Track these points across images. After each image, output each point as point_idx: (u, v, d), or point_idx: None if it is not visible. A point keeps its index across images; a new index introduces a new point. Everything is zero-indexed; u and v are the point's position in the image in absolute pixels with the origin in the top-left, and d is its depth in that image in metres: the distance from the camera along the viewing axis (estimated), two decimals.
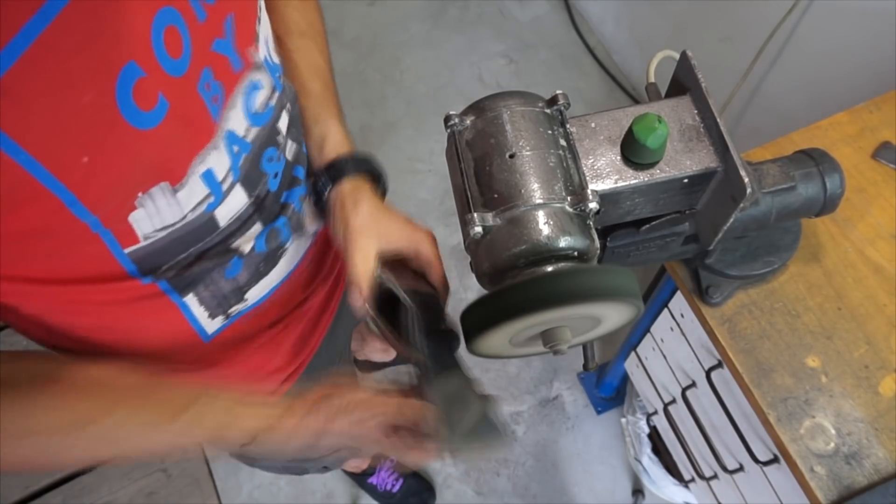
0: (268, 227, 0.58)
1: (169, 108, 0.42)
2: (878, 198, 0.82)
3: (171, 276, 0.52)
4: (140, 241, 0.46)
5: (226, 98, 0.49)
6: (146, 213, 0.45)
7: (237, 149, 0.51)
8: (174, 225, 0.47)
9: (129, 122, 0.40)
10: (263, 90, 0.53)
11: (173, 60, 0.42)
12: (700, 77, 0.55)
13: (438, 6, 2.21)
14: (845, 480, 0.68)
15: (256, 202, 0.55)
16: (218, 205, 0.50)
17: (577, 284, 0.45)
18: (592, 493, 1.53)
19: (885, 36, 1.06)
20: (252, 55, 0.51)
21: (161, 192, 0.45)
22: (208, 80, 0.46)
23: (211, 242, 0.52)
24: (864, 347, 0.74)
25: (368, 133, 2.00)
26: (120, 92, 0.39)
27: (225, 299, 0.59)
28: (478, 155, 0.52)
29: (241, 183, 0.52)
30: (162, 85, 0.42)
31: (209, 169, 0.48)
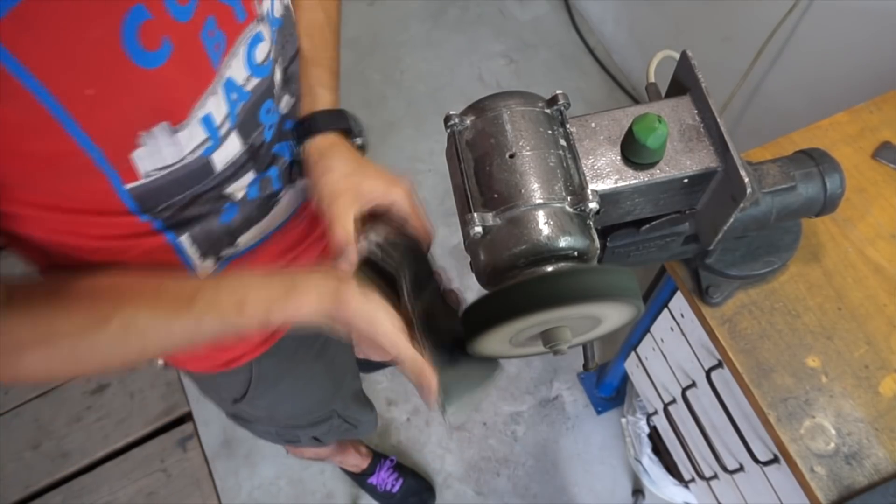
0: (260, 175, 0.59)
1: (172, 51, 0.44)
2: (878, 198, 0.82)
3: (167, 216, 0.54)
4: (140, 178, 0.48)
5: (228, 46, 0.50)
6: (147, 152, 0.47)
7: (235, 96, 0.52)
8: (173, 165, 0.49)
9: (134, 60, 0.42)
10: (265, 42, 0.54)
11: (180, 6, 0.44)
12: (700, 77, 0.55)
13: (438, 6, 2.21)
14: (845, 480, 0.68)
15: (251, 150, 0.57)
16: (215, 149, 0.52)
17: (577, 284, 0.45)
18: (592, 493, 1.53)
19: (885, 36, 1.06)
20: (256, 7, 0.52)
21: (162, 132, 0.47)
22: (211, 28, 0.48)
23: (207, 186, 0.54)
24: (865, 347, 0.74)
25: (368, 133, 2.00)
26: (126, 31, 0.41)
27: (218, 241, 0.60)
28: (478, 155, 0.52)
29: (238, 129, 0.54)
30: (167, 28, 0.44)
31: (208, 113, 0.50)
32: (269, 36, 0.55)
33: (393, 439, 1.60)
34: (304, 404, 0.98)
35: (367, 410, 1.20)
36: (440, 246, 1.79)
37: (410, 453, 1.58)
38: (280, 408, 0.93)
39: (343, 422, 1.09)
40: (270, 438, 1.04)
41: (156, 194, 0.51)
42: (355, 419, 1.14)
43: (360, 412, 1.16)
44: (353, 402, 1.13)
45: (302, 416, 1.00)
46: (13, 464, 1.45)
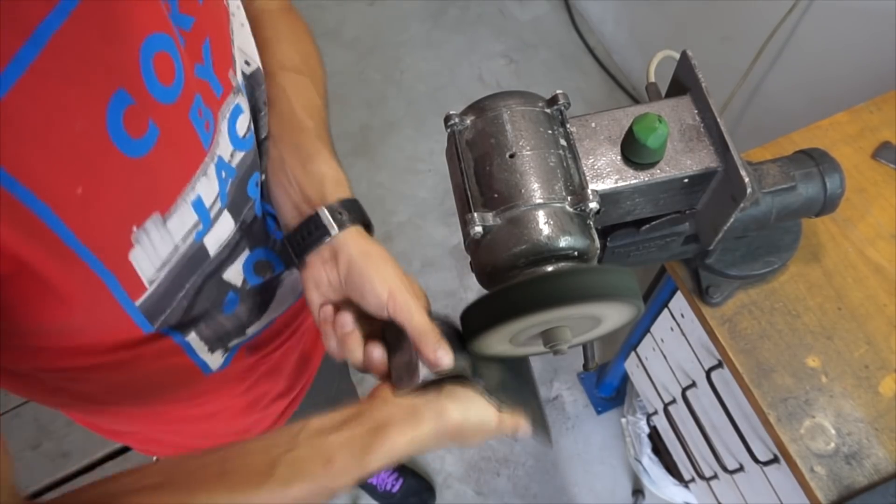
0: (254, 254, 0.56)
1: (159, 135, 0.41)
2: (878, 198, 0.82)
3: (173, 323, 0.51)
4: (147, 287, 0.45)
5: (215, 124, 0.48)
6: (143, 251, 0.44)
7: (224, 174, 0.50)
8: (170, 260, 0.46)
9: (121, 149, 0.39)
10: (244, 115, 0.52)
11: (164, 87, 0.41)
12: (700, 77, 0.55)
13: (438, 6, 2.21)
14: (845, 480, 0.68)
15: (242, 227, 0.54)
16: (206, 232, 0.49)
17: (578, 284, 0.45)
18: (592, 493, 1.53)
19: (885, 36, 1.06)
20: (231, 79, 0.50)
21: (154, 226, 0.44)
22: (199, 107, 0.45)
23: (204, 273, 0.51)
24: (865, 347, 0.74)
25: (368, 133, 2.00)
26: (111, 119, 0.38)
27: (227, 335, 0.58)
28: (478, 155, 0.52)
29: (228, 209, 0.51)
30: (151, 112, 0.41)
31: (199, 196, 0.47)
32: (247, 107, 0.52)
33: None
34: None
35: None
36: (440, 246, 1.79)
37: None
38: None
39: None
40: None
41: (161, 300, 0.48)
42: None
43: None
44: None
45: None
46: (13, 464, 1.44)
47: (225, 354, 0.60)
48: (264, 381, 0.68)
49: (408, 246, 1.80)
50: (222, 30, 0.50)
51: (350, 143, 1.97)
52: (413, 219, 1.85)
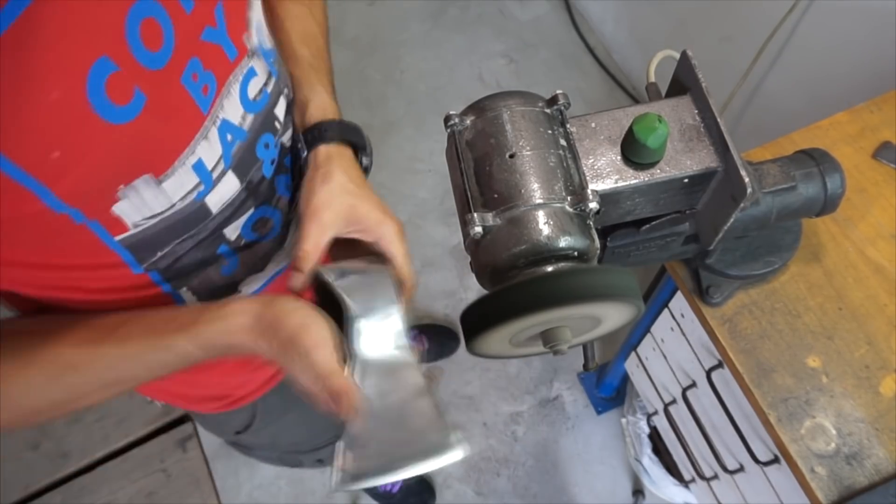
0: (258, 212, 0.57)
1: (147, 102, 0.42)
2: (878, 198, 0.82)
3: (163, 267, 0.52)
4: (129, 228, 0.46)
5: (219, 87, 0.48)
6: (130, 204, 0.45)
7: (231, 137, 0.50)
8: (163, 213, 0.47)
9: (102, 116, 0.39)
10: (259, 76, 0.52)
11: (151, 53, 0.42)
12: (700, 77, 0.55)
13: (438, 6, 2.21)
14: (846, 481, 0.68)
15: (249, 187, 0.55)
16: (208, 192, 0.50)
17: (578, 284, 0.45)
18: (592, 493, 1.53)
19: (885, 36, 1.06)
20: (247, 42, 0.50)
21: (145, 184, 0.44)
22: (195, 71, 0.45)
23: (204, 230, 0.52)
24: (865, 347, 0.74)
25: (368, 133, 1.99)
26: (91, 87, 0.38)
27: (219, 291, 0.58)
28: (478, 155, 0.51)
29: (233, 169, 0.52)
30: (138, 78, 0.41)
31: (199, 159, 0.48)
32: (263, 69, 0.53)
33: None
34: (308, 432, 0.97)
35: None
36: (440, 246, 1.79)
37: None
38: (284, 436, 0.92)
39: None
40: (272, 462, 1.02)
41: (150, 243, 0.49)
42: None
43: None
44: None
45: (305, 443, 1.00)
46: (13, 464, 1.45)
47: None
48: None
49: (408, 246, 1.80)
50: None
51: None
52: (413, 219, 1.85)
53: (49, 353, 0.47)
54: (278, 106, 0.56)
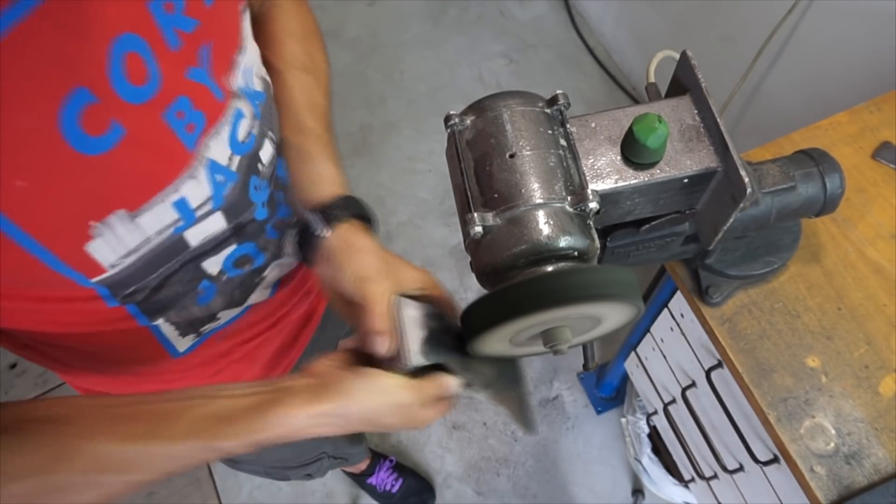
0: (240, 248, 0.56)
1: (126, 135, 0.41)
2: (878, 198, 0.82)
3: (139, 300, 0.51)
4: (106, 270, 0.45)
5: (206, 127, 0.47)
6: (105, 242, 0.43)
7: (221, 178, 0.50)
8: (138, 250, 0.46)
9: (74, 146, 0.39)
10: (246, 119, 0.52)
11: (133, 87, 0.41)
12: (700, 77, 0.55)
13: (438, 6, 2.21)
14: (845, 480, 0.68)
15: (237, 228, 0.54)
16: (188, 227, 0.49)
17: (578, 284, 0.45)
18: (592, 493, 1.53)
19: (885, 36, 1.06)
20: (229, 84, 0.50)
21: (118, 220, 0.43)
22: (182, 109, 0.45)
23: (180, 262, 0.51)
24: (864, 347, 0.74)
25: (368, 133, 2.00)
26: (65, 117, 0.38)
27: (197, 321, 0.58)
28: (478, 155, 0.52)
29: (223, 211, 0.51)
30: (117, 111, 0.41)
31: (182, 197, 0.47)
32: (249, 112, 0.52)
33: (393, 439, 1.60)
34: (294, 450, 0.96)
35: (357, 444, 1.20)
36: (440, 246, 1.79)
37: (410, 453, 1.58)
38: (268, 453, 0.91)
39: (333, 459, 1.08)
40: (259, 475, 1.02)
41: (126, 280, 0.48)
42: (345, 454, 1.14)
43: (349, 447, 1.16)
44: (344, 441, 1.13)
45: (291, 460, 0.99)
46: None
47: (196, 339, 0.60)
48: (237, 365, 0.68)
49: (408, 246, 1.80)
50: (228, 36, 0.50)
51: (350, 143, 1.98)
52: (413, 219, 1.85)
53: (85, 449, 0.40)
54: (263, 149, 0.55)
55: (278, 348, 0.72)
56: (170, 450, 0.42)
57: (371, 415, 0.45)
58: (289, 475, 1.03)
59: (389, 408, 0.45)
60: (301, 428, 0.43)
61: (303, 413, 0.43)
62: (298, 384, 0.44)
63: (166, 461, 0.43)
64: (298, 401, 0.43)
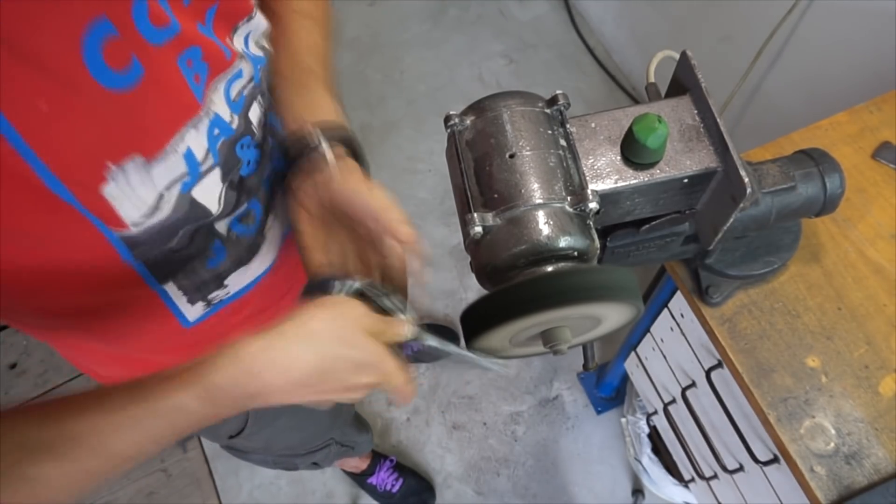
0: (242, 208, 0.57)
1: (144, 74, 0.41)
2: (878, 198, 0.82)
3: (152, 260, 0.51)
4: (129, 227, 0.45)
5: (209, 79, 0.48)
6: (119, 189, 0.43)
7: (217, 131, 0.50)
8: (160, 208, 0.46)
9: (96, 77, 0.38)
10: (241, 79, 0.53)
11: (154, 27, 0.41)
12: (700, 77, 0.55)
13: (438, 6, 2.21)
14: (845, 480, 0.68)
15: (231, 186, 0.55)
16: (193, 185, 0.49)
17: (578, 284, 0.45)
18: (592, 493, 1.53)
19: (885, 36, 1.06)
20: (233, 45, 0.51)
21: (134, 167, 0.43)
22: (192, 57, 0.45)
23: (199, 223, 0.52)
24: (864, 347, 0.74)
25: (368, 133, 2.00)
26: (87, 44, 0.37)
27: (204, 285, 0.58)
28: (478, 155, 0.52)
29: (220, 167, 0.52)
30: (136, 48, 0.40)
31: (188, 148, 0.47)
32: (248, 73, 0.53)
33: (393, 439, 1.60)
34: (302, 436, 0.97)
35: (363, 432, 1.21)
36: (440, 246, 1.79)
37: (410, 453, 1.58)
38: (277, 441, 0.92)
39: (340, 446, 1.09)
40: (266, 465, 1.02)
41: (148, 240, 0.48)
42: (353, 442, 1.14)
43: (357, 435, 1.17)
44: (351, 428, 1.14)
45: (300, 447, 1.00)
46: None
47: (206, 309, 0.60)
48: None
49: None
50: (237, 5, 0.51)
51: None
52: (413, 219, 1.84)
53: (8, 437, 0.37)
54: (251, 110, 0.55)
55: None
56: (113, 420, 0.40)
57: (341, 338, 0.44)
58: (297, 463, 1.04)
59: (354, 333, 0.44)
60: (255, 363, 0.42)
61: (256, 343, 0.42)
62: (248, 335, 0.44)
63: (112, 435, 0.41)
64: (250, 337, 0.43)
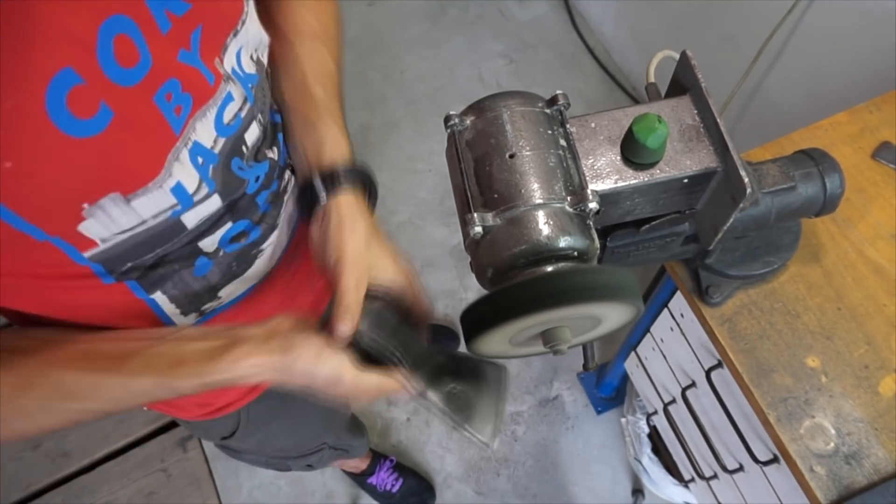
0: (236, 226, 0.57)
1: (114, 118, 0.41)
2: (877, 198, 0.82)
3: (136, 276, 0.51)
4: (98, 244, 0.45)
5: (193, 109, 0.47)
6: (97, 222, 0.44)
7: (202, 160, 0.49)
8: (133, 229, 0.46)
9: (61, 128, 0.39)
10: (235, 102, 0.52)
11: (123, 69, 0.41)
12: (700, 77, 0.55)
13: (438, 6, 2.21)
14: (845, 480, 0.68)
15: (230, 205, 0.54)
16: (185, 211, 0.50)
17: (578, 284, 0.45)
18: (592, 493, 1.53)
19: (885, 36, 1.06)
20: (219, 67, 0.49)
21: (112, 203, 0.44)
22: (171, 91, 0.45)
23: (178, 243, 0.52)
24: (864, 347, 0.74)
25: (368, 133, 2.00)
26: (51, 98, 0.37)
27: (197, 297, 0.58)
28: (478, 155, 0.52)
29: (219, 193, 0.52)
30: (105, 93, 0.40)
31: (178, 182, 0.47)
32: (240, 95, 0.52)
33: (393, 439, 1.60)
34: (295, 440, 0.97)
35: (358, 436, 1.20)
36: (440, 246, 1.79)
37: (410, 453, 1.58)
38: (270, 443, 0.92)
39: (334, 450, 1.09)
40: (259, 465, 1.03)
41: (121, 256, 0.48)
42: (347, 445, 1.14)
43: (351, 439, 1.16)
44: (346, 432, 1.13)
45: (292, 450, 1.00)
46: (13, 464, 1.45)
47: (198, 318, 0.60)
48: None
49: (408, 246, 1.80)
50: (222, 17, 0.50)
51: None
52: (413, 219, 1.85)
53: (49, 379, 0.45)
54: (249, 131, 0.55)
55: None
56: (125, 383, 0.46)
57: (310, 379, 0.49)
58: (290, 465, 1.04)
59: (327, 379, 0.49)
60: (246, 375, 0.47)
61: (249, 361, 0.46)
62: (251, 333, 0.48)
63: (122, 393, 0.47)
64: (247, 349, 0.47)
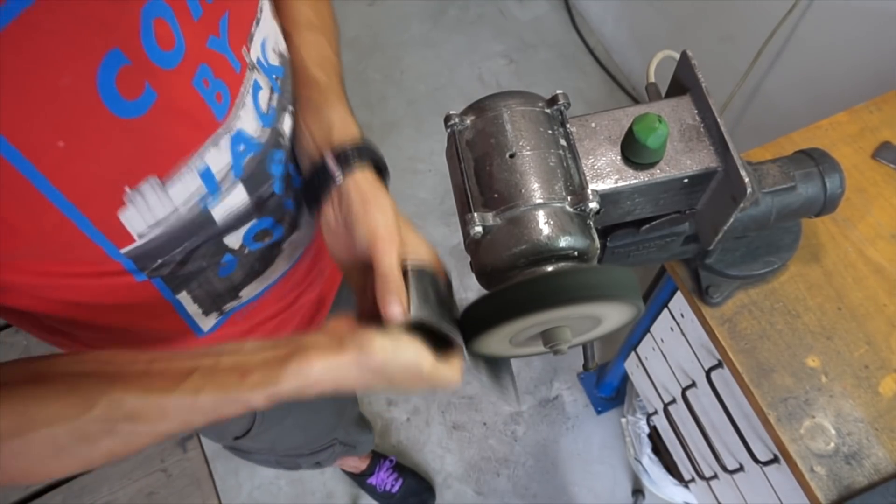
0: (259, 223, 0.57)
1: (157, 99, 0.42)
2: (878, 198, 0.82)
3: (165, 274, 0.52)
4: (136, 240, 0.46)
5: (233, 96, 0.48)
6: (136, 211, 0.44)
7: (243, 147, 0.50)
8: (167, 219, 0.47)
9: (111, 109, 0.39)
10: (264, 90, 0.52)
11: (163, 52, 0.42)
12: (700, 77, 0.55)
13: (438, 6, 2.21)
14: (845, 480, 0.68)
15: (258, 203, 0.55)
16: (213, 201, 0.50)
17: (578, 284, 0.45)
18: (592, 493, 1.53)
19: (885, 36, 1.06)
20: (245, 56, 0.50)
21: (150, 188, 0.44)
22: (206, 77, 0.45)
23: (205, 237, 0.52)
24: (864, 347, 0.74)
25: (368, 133, 1.98)
26: (102, 78, 0.38)
27: (219, 297, 0.58)
28: (478, 155, 0.52)
29: (244, 182, 0.52)
30: (149, 75, 0.41)
31: (207, 166, 0.47)
32: (266, 84, 0.52)
33: (393, 439, 1.60)
34: (307, 436, 0.98)
35: (366, 432, 1.22)
36: (440, 246, 1.79)
37: (410, 453, 1.58)
38: (283, 441, 0.92)
39: (343, 446, 1.09)
40: (269, 465, 1.02)
41: (153, 252, 0.48)
42: (355, 441, 1.15)
43: (360, 434, 1.17)
44: (355, 427, 1.15)
45: (304, 447, 1.00)
46: None
47: (219, 317, 0.60)
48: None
49: None
50: (245, 7, 0.50)
51: None
52: (413, 219, 1.84)
53: (107, 399, 0.42)
54: (283, 122, 0.55)
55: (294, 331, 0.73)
56: (191, 401, 0.43)
57: (387, 374, 0.45)
58: (300, 463, 1.04)
59: (406, 370, 0.46)
60: (318, 380, 0.44)
61: (320, 364, 0.43)
62: (316, 339, 0.45)
63: (188, 413, 0.44)
64: (317, 353, 0.44)
